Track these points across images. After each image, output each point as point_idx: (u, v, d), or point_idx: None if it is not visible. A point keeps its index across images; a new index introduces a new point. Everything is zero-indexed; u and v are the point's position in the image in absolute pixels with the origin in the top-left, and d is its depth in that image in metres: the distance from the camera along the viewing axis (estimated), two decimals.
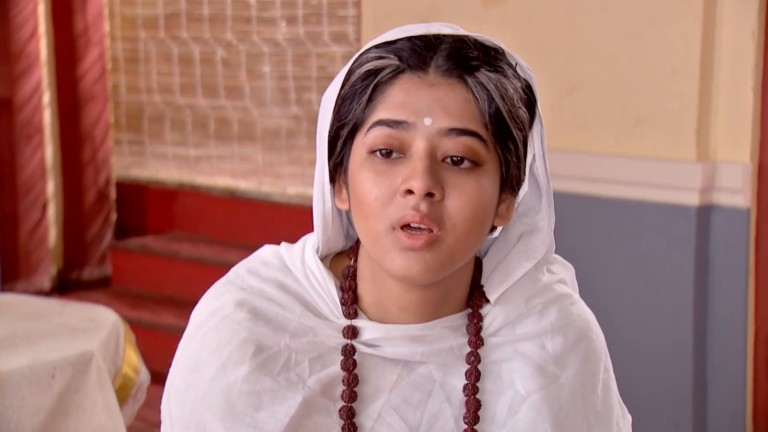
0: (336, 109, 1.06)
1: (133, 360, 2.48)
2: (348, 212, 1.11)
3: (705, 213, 2.81)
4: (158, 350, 2.94)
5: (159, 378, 1.41)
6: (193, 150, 4.68)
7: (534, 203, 1.12)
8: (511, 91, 1.04)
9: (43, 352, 2.23)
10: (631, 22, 2.86)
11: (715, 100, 2.80)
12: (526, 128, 1.07)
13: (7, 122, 4.44)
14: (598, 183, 2.94)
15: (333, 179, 1.09)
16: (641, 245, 2.89)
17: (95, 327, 2.40)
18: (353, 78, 1.05)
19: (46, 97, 4.60)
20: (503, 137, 1.05)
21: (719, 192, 2.81)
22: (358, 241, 1.12)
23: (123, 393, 2.41)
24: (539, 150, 1.09)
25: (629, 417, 1.22)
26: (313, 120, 4.30)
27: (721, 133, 2.81)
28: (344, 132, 1.06)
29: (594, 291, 2.96)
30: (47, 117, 4.61)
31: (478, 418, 1.10)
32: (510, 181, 1.07)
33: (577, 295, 1.18)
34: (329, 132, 1.07)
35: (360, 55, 1.06)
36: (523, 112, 1.06)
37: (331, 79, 4.65)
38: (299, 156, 4.37)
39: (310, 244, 1.13)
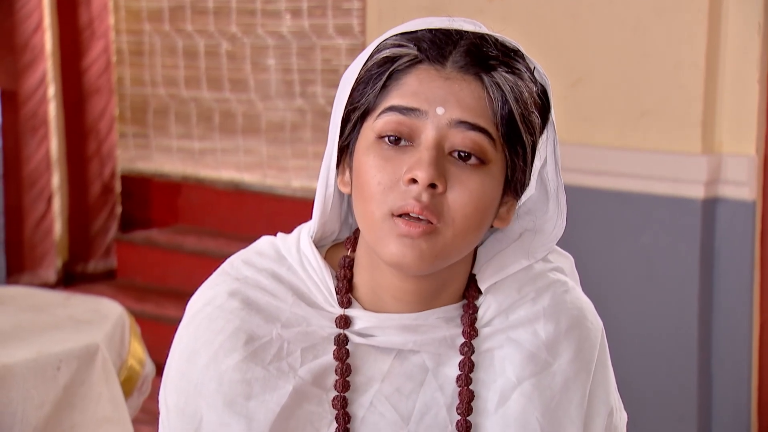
0: (350, 92, 1.06)
1: (138, 352, 2.49)
2: (349, 197, 1.11)
3: (710, 206, 2.81)
4: (163, 343, 2.94)
5: (164, 370, 1.42)
6: (197, 143, 4.68)
7: (540, 204, 1.12)
8: (526, 94, 1.04)
9: (48, 345, 2.23)
10: (636, 15, 2.86)
11: (721, 93, 2.79)
12: (536, 134, 1.07)
13: (12, 115, 4.44)
14: (602, 176, 2.94)
15: (338, 161, 1.09)
16: (646, 238, 2.88)
17: (100, 319, 2.41)
18: (370, 63, 1.05)
19: (51, 90, 4.60)
20: (512, 140, 1.04)
21: (724, 185, 2.81)
22: (356, 231, 1.12)
23: (128, 385, 2.42)
24: (551, 156, 1.09)
25: (625, 415, 1.20)
26: (318, 113, 4.30)
27: (727, 126, 2.81)
28: (355, 116, 1.06)
29: (599, 284, 2.96)
30: (52, 110, 4.61)
31: (472, 409, 1.09)
32: (514, 184, 1.07)
33: (573, 283, 1.17)
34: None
35: (380, 42, 1.06)
36: (535, 117, 1.06)
37: (335, 71, 4.64)
38: (304, 149, 4.37)
39: (305, 231, 1.13)
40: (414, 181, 1.01)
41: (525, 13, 3.02)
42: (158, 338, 3.39)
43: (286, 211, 4.30)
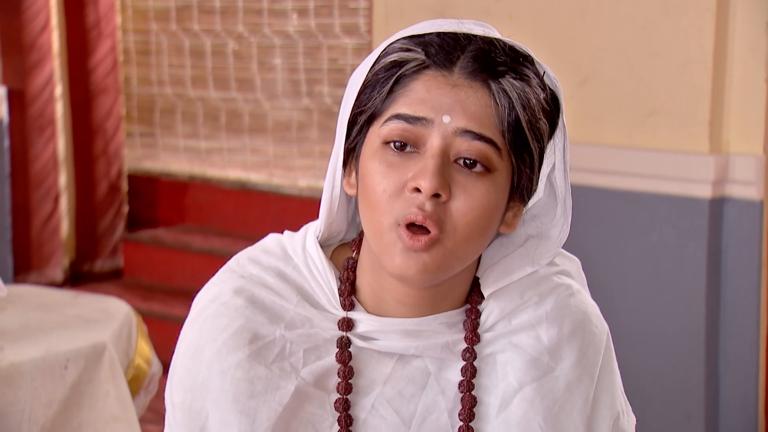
0: (357, 95, 1.06)
1: (145, 351, 2.49)
2: (355, 198, 1.11)
3: (717, 205, 2.81)
4: (170, 342, 2.94)
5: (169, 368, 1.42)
6: (204, 142, 4.68)
7: (548, 209, 1.12)
8: (534, 101, 1.04)
9: (55, 343, 2.24)
10: (643, 13, 2.85)
11: (728, 92, 2.79)
12: (544, 140, 1.06)
13: (20, 114, 4.45)
14: (609, 175, 2.93)
15: (344, 162, 1.09)
16: (653, 238, 2.88)
17: (107, 318, 2.41)
18: (377, 67, 1.05)
19: (58, 90, 4.61)
20: (519, 147, 1.04)
21: (732, 184, 2.80)
22: (362, 233, 1.12)
23: (135, 384, 2.42)
24: (561, 161, 1.09)
25: (633, 419, 1.19)
26: (325, 112, 4.30)
27: (734, 125, 2.80)
28: (362, 119, 1.06)
29: (606, 284, 2.95)
30: (59, 109, 4.62)
31: (474, 414, 1.09)
32: (520, 190, 1.07)
33: (578, 287, 1.16)
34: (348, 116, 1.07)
35: (388, 45, 1.06)
36: (543, 124, 1.05)
37: (342, 71, 4.64)
38: (310, 148, 4.37)
39: (311, 231, 1.13)
40: (418, 189, 1.01)
41: (532, 12, 3.02)
42: (165, 337, 3.40)
43: (292, 211, 4.30)
